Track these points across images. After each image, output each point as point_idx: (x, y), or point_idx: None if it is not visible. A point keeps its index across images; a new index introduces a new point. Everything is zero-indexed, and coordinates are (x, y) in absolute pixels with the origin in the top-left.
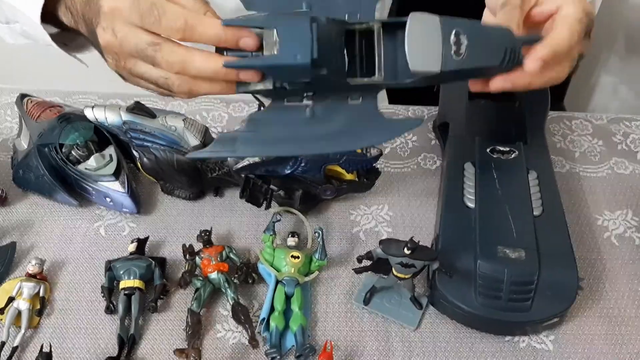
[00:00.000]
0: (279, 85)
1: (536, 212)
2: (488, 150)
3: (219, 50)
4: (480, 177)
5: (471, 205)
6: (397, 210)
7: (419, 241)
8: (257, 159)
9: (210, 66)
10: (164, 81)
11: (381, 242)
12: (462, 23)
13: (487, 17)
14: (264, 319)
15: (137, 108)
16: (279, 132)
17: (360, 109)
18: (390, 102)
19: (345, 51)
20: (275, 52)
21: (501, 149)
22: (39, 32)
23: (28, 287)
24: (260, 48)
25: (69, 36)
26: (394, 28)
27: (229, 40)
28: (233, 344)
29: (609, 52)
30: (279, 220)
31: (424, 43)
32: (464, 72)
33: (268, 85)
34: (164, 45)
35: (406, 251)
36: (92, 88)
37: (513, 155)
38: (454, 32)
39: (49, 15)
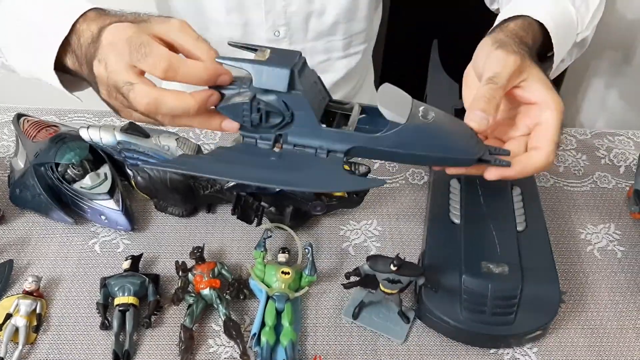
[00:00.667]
0: (257, 105)
1: (520, 228)
2: None
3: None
4: (466, 193)
5: (457, 221)
6: (386, 226)
7: (404, 258)
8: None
9: (181, 105)
10: (149, 113)
11: (368, 258)
12: (432, 107)
13: (469, 75)
14: (255, 334)
15: (131, 128)
16: (239, 162)
17: (326, 162)
18: None
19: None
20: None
21: None
22: (48, 76)
23: (25, 304)
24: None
25: (67, 78)
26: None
27: (210, 80)
28: (225, 358)
29: (595, 68)
30: (269, 237)
31: (395, 100)
32: (429, 140)
33: (245, 98)
34: (137, 86)
35: (392, 268)
36: (88, 106)
37: None
38: (422, 106)
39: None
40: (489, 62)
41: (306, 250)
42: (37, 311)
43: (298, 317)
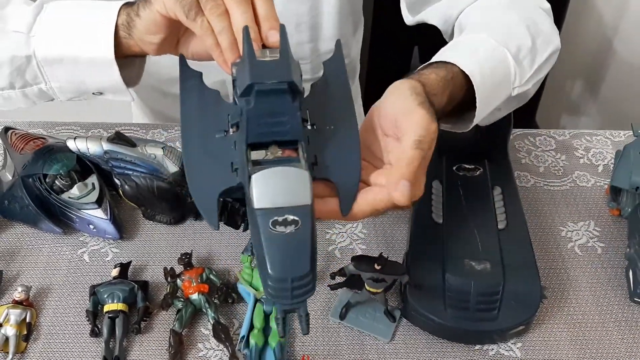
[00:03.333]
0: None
1: (500, 226)
2: (454, 168)
3: None
4: (447, 194)
5: (439, 221)
6: (371, 228)
7: (388, 257)
8: (233, 184)
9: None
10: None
11: (353, 258)
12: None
13: (372, 116)
14: (243, 336)
15: (118, 138)
16: (200, 119)
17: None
18: None
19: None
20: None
21: (467, 166)
22: (104, 68)
23: (15, 314)
24: None
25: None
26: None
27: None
28: None
29: (575, 74)
30: None
31: (288, 185)
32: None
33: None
34: None
35: (376, 267)
36: (74, 119)
37: (478, 172)
38: (293, 216)
39: None
40: (412, 120)
41: None
42: (27, 320)
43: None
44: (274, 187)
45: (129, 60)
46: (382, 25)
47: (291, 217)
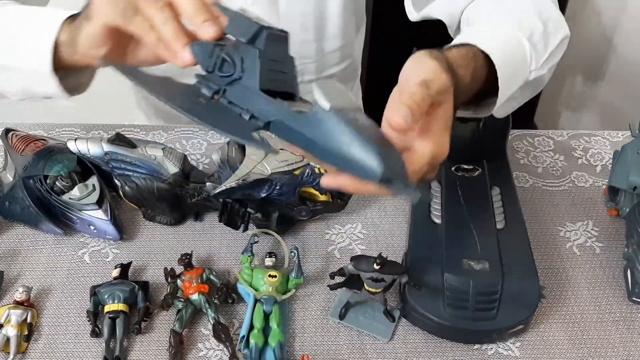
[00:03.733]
0: (219, 50)
1: (499, 226)
2: (453, 168)
3: None
4: (446, 194)
5: (438, 221)
6: (370, 228)
7: (387, 256)
8: (233, 184)
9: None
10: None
11: (352, 258)
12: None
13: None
14: (243, 336)
15: (118, 139)
16: (172, 88)
17: (243, 122)
18: None
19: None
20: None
21: (465, 167)
22: (44, 76)
23: (16, 314)
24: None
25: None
26: None
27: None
28: None
29: (573, 75)
30: (256, 242)
31: (339, 96)
32: (348, 137)
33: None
34: None
35: (375, 266)
36: (74, 120)
37: (477, 173)
38: (360, 113)
39: None
40: (422, 68)
41: (292, 253)
42: (28, 321)
43: (286, 319)
44: (332, 94)
45: (77, 69)
46: (382, 25)
47: (358, 115)
